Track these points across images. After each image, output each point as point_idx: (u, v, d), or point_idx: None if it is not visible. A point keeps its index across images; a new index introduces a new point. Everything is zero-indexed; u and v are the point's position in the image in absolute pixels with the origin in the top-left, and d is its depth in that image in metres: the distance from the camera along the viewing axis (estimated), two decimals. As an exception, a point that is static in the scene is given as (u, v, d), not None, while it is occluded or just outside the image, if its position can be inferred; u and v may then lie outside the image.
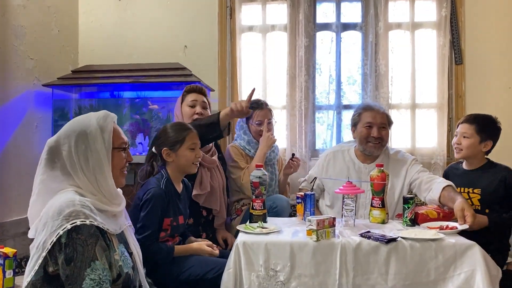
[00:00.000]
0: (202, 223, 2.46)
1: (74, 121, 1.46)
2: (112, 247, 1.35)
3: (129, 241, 1.51)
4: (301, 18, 3.21)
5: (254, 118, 2.75)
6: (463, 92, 3.23)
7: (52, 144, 1.41)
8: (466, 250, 1.77)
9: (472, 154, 2.38)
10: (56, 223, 1.25)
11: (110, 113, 1.48)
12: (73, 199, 1.30)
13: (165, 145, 2.07)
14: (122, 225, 1.48)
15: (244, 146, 2.76)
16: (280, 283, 1.75)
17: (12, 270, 2.32)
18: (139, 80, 2.93)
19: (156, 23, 3.38)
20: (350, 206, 2.04)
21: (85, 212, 1.28)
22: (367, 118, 2.48)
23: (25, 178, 2.82)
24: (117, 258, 1.35)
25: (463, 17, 3.22)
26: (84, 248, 1.25)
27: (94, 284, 1.22)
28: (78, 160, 1.38)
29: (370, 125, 2.46)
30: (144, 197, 1.97)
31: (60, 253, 1.24)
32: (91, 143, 1.39)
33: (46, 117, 3.02)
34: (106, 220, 1.37)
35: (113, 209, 1.43)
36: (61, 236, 1.24)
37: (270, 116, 2.78)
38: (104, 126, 1.42)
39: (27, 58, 2.88)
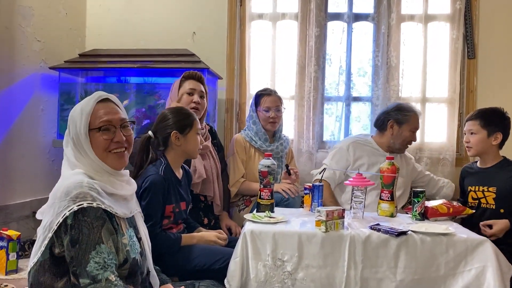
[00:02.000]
0: (202, 208, 2.45)
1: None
2: (120, 231, 1.33)
3: (138, 226, 1.49)
4: (313, 7, 3.16)
5: (262, 104, 2.70)
6: (475, 87, 3.18)
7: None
8: (477, 245, 1.75)
9: (483, 150, 2.34)
10: (63, 204, 1.23)
11: (100, 93, 1.43)
12: (81, 181, 1.28)
13: (174, 128, 2.03)
14: (132, 210, 1.46)
15: (251, 137, 2.72)
16: (287, 273, 1.73)
17: (16, 253, 2.32)
18: (146, 65, 2.90)
19: (165, 9, 3.33)
20: (359, 198, 2.01)
21: (92, 194, 1.26)
22: (416, 123, 2.62)
23: (30, 161, 2.81)
24: (125, 242, 1.33)
25: (477, 11, 3.16)
26: (89, 231, 1.23)
27: (99, 267, 1.20)
28: (74, 145, 1.39)
29: (414, 131, 2.63)
30: (143, 185, 1.93)
31: (65, 234, 1.22)
32: (74, 126, 1.38)
33: (52, 101, 2.99)
34: (116, 204, 1.35)
35: (123, 192, 1.40)
36: (67, 218, 1.22)
37: (278, 103, 2.73)
38: (84, 107, 1.40)
39: (34, 40, 2.84)
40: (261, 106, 2.71)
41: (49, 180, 2.88)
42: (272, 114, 2.68)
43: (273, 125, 2.71)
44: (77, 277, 1.21)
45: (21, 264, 2.37)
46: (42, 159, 2.92)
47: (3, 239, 2.30)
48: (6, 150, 2.60)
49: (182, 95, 2.45)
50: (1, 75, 2.50)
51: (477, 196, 2.35)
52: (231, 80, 3.28)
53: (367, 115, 3.26)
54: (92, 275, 1.19)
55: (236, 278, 1.72)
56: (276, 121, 2.71)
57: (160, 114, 2.13)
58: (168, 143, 2.04)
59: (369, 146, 2.65)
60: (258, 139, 2.71)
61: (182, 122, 2.04)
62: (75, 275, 1.21)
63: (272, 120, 2.69)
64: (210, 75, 2.99)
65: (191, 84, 2.46)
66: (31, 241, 2.68)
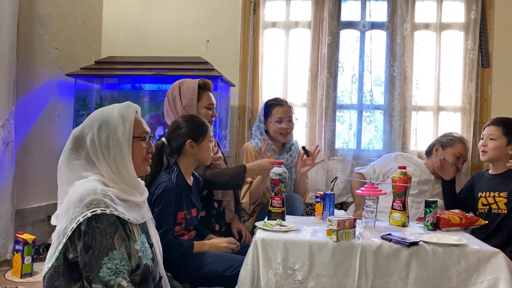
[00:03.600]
0: (214, 215, 2.45)
1: (97, 111, 1.48)
2: (132, 237, 1.35)
3: (150, 232, 1.51)
4: (325, 15, 3.18)
5: (274, 115, 2.62)
6: (489, 96, 3.16)
7: (77, 134, 1.42)
8: (490, 257, 1.73)
9: (499, 156, 2.34)
10: (77, 210, 1.26)
11: (133, 104, 1.49)
12: (95, 188, 1.30)
13: (188, 137, 2.06)
14: (145, 215, 1.48)
15: (261, 148, 2.62)
16: (298, 282, 1.73)
17: (31, 257, 2.36)
18: (161, 73, 2.93)
19: (179, 17, 3.38)
20: (371, 208, 2.01)
21: (106, 201, 1.29)
22: (461, 150, 2.70)
23: (46, 166, 2.86)
24: (137, 248, 1.35)
25: (492, 20, 3.15)
26: (102, 237, 1.25)
27: (111, 273, 1.22)
28: (100, 149, 1.38)
29: (460, 157, 2.69)
30: (156, 192, 1.95)
31: (79, 240, 1.25)
32: (112, 132, 1.39)
33: (68, 107, 3.05)
34: (128, 210, 1.37)
35: (136, 199, 1.43)
36: (81, 224, 1.25)
37: (290, 113, 2.65)
38: (125, 115, 1.43)
39: (52, 48, 2.90)
40: (272, 117, 2.62)
41: None
42: (284, 126, 2.60)
43: (285, 137, 2.63)
44: (90, 282, 1.24)
45: (36, 267, 2.42)
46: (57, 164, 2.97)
47: (19, 243, 2.35)
48: (23, 155, 2.66)
49: (201, 110, 2.38)
50: (20, 82, 2.56)
51: (488, 202, 2.35)
52: (244, 87, 3.31)
53: (380, 124, 3.25)
54: (104, 280, 1.21)
55: (246, 286, 1.72)
56: (288, 132, 2.63)
57: (174, 122, 2.15)
58: (182, 151, 2.07)
59: (415, 163, 2.77)
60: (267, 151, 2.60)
61: (197, 131, 2.07)
62: (88, 281, 1.24)
63: (284, 132, 2.61)
64: (223, 82, 3.01)
65: (209, 99, 2.41)
66: (46, 245, 2.73)
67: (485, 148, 2.37)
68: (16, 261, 2.36)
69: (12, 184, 2.45)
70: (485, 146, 2.37)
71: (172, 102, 2.42)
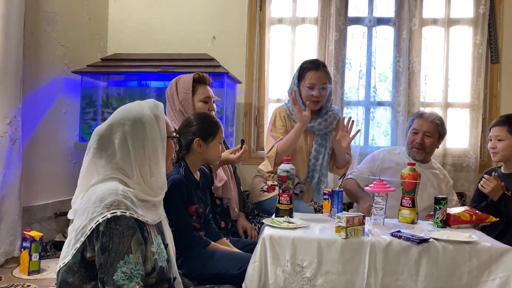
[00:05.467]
0: (218, 212, 2.45)
1: (124, 110, 1.42)
2: (149, 239, 1.34)
3: (165, 232, 1.50)
4: (332, 11, 3.15)
5: (306, 80, 2.41)
6: (498, 92, 3.12)
7: (103, 133, 1.37)
8: (502, 254, 1.70)
9: (510, 155, 2.30)
10: (97, 210, 1.25)
11: (159, 102, 1.45)
12: (116, 188, 1.29)
13: (197, 135, 2.05)
14: (161, 215, 1.47)
15: (291, 112, 2.48)
16: (306, 279, 1.71)
17: (38, 254, 2.36)
18: (167, 70, 2.93)
19: (185, 13, 3.37)
20: (380, 205, 1.99)
21: (127, 203, 1.27)
22: (415, 125, 2.61)
23: (53, 164, 2.86)
24: (154, 251, 1.34)
25: (502, 15, 3.11)
26: (120, 240, 1.23)
27: (125, 277, 1.21)
28: (133, 148, 1.35)
29: (416, 132, 2.58)
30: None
31: (97, 240, 1.23)
32: (148, 131, 1.37)
33: (74, 104, 3.05)
34: (146, 211, 1.35)
35: (154, 199, 1.41)
36: (100, 224, 1.23)
37: (325, 80, 2.43)
38: (158, 114, 1.40)
39: (58, 45, 2.90)
40: (304, 81, 2.42)
41: (71, 182, 2.93)
42: (316, 93, 2.40)
43: (315, 104, 2.43)
44: (103, 284, 1.23)
45: (43, 264, 2.42)
46: (64, 162, 2.98)
47: (26, 240, 2.35)
48: (30, 152, 2.66)
49: (196, 104, 2.39)
50: (26, 79, 2.56)
51: None
52: (250, 84, 3.29)
53: (388, 120, 3.23)
54: (118, 284, 1.20)
55: (254, 283, 1.71)
56: (320, 100, 2.43)
57: (186, 119, 2.15)
58: (190, 148, 2.06)
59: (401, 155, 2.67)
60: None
61: (207, 131, 2.06)
62: (102, 282, 1.23)
63: (316, 99, 2.42)
64: (230, 79, 3.00)
65: (205, 92, 2.41)
66: (54, 242, 2.73)
67: (495, 150, 2.34)
68: (24, 258, 2.36)
69: (19, 181, 2.46)
70: (495, 148, 2.34)
71: (170, 98, 2.44)
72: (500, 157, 2.33)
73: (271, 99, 3.31)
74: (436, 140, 2.61)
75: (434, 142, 2.60)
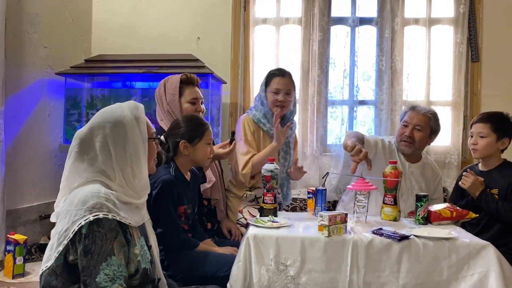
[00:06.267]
0: (205, 213, 2.46)
1: (104, 112, 1.42)
2: (132, 241, 1.35)
3: (148, 234, 1.51)
4: (316, 11, 3.18)
5: (272, 85, 2.51)
6: (479, 90, 3.18)
7: (84, 136, 1.38)
8: (480, 250, 1.75)
9: (490, 153, 2.34)
10: (79, 212, 1.25)
11: (139, 103, 1.46)
12: (98, 191, 1.29)
13: (183, 137, 2.06)
14: (144, 217, 1.48)
15: (259, 119, 2.55)
16: (290, 277, 1.74)
17: (23, 257, 2.34)
18: (152, 70, 2.92)
19: (169, 14, 3.36)
20: (362, 203, 2.02)
21: (109, 206, 1.28)
22: (406, 117, 2.55)
23: (37, 166, 2.84)
24: (137, 253, 1.35)
25: (481, 14, 3.16)
26: (102, 242, 1.24)
27: (108, 279, 1.22)
28: (114, 151, 1.36)
29: (406, 125, 2.52)
30: (155, 186, 1.96)
31: (79, 243, 1.24)
32: (129, 133, 1.38)
33: (58, 106, 3.03)
34: (129, 213, 1.36)
35: (137, 201, 1.42)
36: (82, 227, 1.24)
37: (290, 87, 2.53)
38: (138, 116, 1.41)
39: (41, 46, 2.88)
40: (270, 87, 2.52)
41: (55, 184, 2.87)
42: (280, 98, 2.49)
43: (280, 109, 2.50)
44: (86, 287, 1.23)
45: (28, 268, 2.40)
46: (48, 164, 2.96)
47: (10, 244, 2.34)
48: (14, 155, 2.64)
49: (184, 105, 2.38)
50: (9, 81, 2.53)
51: None
52: (235, 84, 3.30)
53: (371, 119, 3.27)
54: (100, 286, 1.21)
55: (239, 283, 1.73)
56: (284, 105, 2.52)
57: (174, 121, 2.17)
58: (177, 151, 2.07)
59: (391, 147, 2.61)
60: (267, 122, 2.54)
61: (193, 132, 2.08)
62: (85, 285, 1.23)
63: (280, 104, 2.50)
64: (214, 79, 3.01)
65: (192, 93, 2.40)
66: (38, 245, 2.71)
67: (476, 146, 2.35)
68: (8, 261, 2.34)
69: (3, 184, 2.44)
70: (476, 145, 2.35)
71: (159, 99, 2.44)
72: (480, 154, 2.36)
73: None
74: (427, 135, 2.53)
75: (424, 137, 2.52)
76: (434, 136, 2.59)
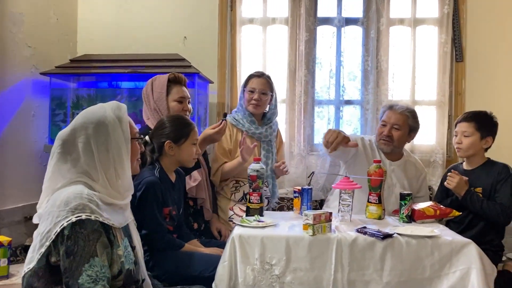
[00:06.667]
0: (191, 213, 2.46)
1: (87, 113, 1.42)
2: (116, 242, 1.34)
3: (132, 235, 1.50)
4: (302, 12, 3.19)
5: (249, 85, 2.63)
6: (463, 89, 3.22)
7: (66, 137, 1.37)
8: (462, 248, 1.77)
9: (474, 152, 2.37)
10: (62, 213, 1.24)
11: (121, 103, 1.46)
12: (81, 192, 1.29)
13: (168, 137, 2.05)
14: (128, 218, 1.48)
15: (238, 120, 2.63)
16: (275, 276, 1.74)
17: (7, 259, 2.32)
18: (138, 70, 2.91)
19: (156, 14, 3.35)
20: (347, 202, 2.03)
21: (92, 207, 1.27)
22: (385, 116, 2.58)
23: (22, 167, 2.81)
24: (120, 254, 1.34)
25: (465, 14, 3.20)
26: (85, 243, 1.24)
27: (90, 280, 1.22)
28: (97, 152, 1.35)
29: (384, 124, 2.55)
30: (139, 188, 1.95)
31: (62, 244, 1.23)
32: (111, 134, 1.37)
33: (43, 106, 3.00)
34: (113, 214, 1.36)
35: (120, 202, 1.42)
36: (65, 228, 1.23)
37: (265, 87, 2.62)
38: (120, 116, 1.41)
39: (25, 46, 2.85)
40: (247, 86, 2.64)
41: (40, 185, 2.80)
42: (255, 96, 2.59)
43: (255, 107, 2.61)
44: None
45: (12, 269, 2.38)
46: (33, 164, 2.93)
47: (-6, 245, 2.31)
48: (-3, 156, 2.61)
49: (170, 103, 2.39)
50: (-8, 81, 2.51)
51: None
52: (222, 84, 3.30)
53: (357, 119, 3.29)
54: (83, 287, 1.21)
55: (224, 282, 1.73)
56: (259, 104, 2.61)
57: (159, 121, 2.15)
58: (162, 151, 2.06)
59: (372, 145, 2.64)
60: (246, 122, 2.62)
61: (178, 132, 2.07)
62: (67, 286, 1.23)
63: (255, 103, 2.60)
64: (201, 79, 3.01)
65: (179, 92, 2.41)
66: (23, 247, 2.69)
67: (460, 145, 2.38)
68: (-8, 263, 2.32)
69: (-14, 185, 2.41)
70: (460, 144, 2.38)
71: (146, 98, 2.43)
72: (464, 153, 2.40)
73: (244, 98, 3.33)
74: (406, 133, 2.54)
75: (403, 135, 2.53)
76: (414, 133, 2.59)
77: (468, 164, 2.44)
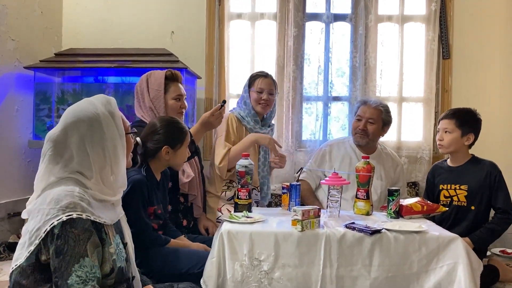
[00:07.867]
0: (181, 210, 2.44)
1: (76, 111, 1.36)
2: (108, 240, 1.31)
3: (124, 231, 1.48)
4: (291, 7, 3.18)
5: (256, 85, 2.62)
6: (450, 86, 3.25)
7: (57, 138, 1.32)
8: (449, 243, 1.79)
9: (456, 149, 2.39)
10: (52, 212, 1.21)
11: (111, 97, 1.41)
12: (72, 190, 1.26)
13: (166, 143, 2.02)
14: (119, 214, 1.45)
15: (243, 117, 2.62)
16: (264, 272, 1.74)
17: (-10, 256, 2.28)
18: (124, 65, 2.87)
19: (143, 8, 3.31)
20: (335, 197, 2.04)
21: (83, 205, 1.24)
22: (359, 111, 2.67)
23: (5, 162, 2.76)
24: (112, 252, 1.32)
25: (452, 12, 3.22)
26: (75, 243, 1.21)
27: (80, 281, 1.19)
28: (92, 152, 1.32)
29: (360, 119, 2.64)
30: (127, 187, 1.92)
31: (52, 243, 1.21)
32: (106, 131, 1.33)
33: (27, 101, 2.94)
34: (104, 211, 1.33)
35: (112, 198, 1.39)
36: (55, 227, 1.20)
37: (272, 87, 2.65)
38: (112, 111, 1.37)
39: (8, 39, 2.79)
40: (254, 87, 2.62)
41: (25, 181, 2.84)
42: (264, 96, 2.60)
43: (264, 107, 2.62)
44: None
45: (-5, 267, 2.34)
46: (17, 160, 2.88)
47: (-23, 242, 2.26)
48: (-20, 151, 2.55)
49: (168, 101, 2.35)
50: (-26, 75, 2.45)
51: (449, 194, 2.40)
52: (210, 79, 3.28)
53: (346, 115, 3.30)
54: None
55: (212, 279, 1.72)
56: (268, 104, 2.62)
57: (152, 124, 2.08)
58: (157, 155, 2.03)
59: (346, 145, 2.74)
60: (250, 120, 2.62)
61: (175, 138, 2.03)
62: (57, 286, 1.20)
63: (264, 103, 2.61)
64: (189, 74, 2.98)
65: (177, 90, 2.38)
66: (7, 244, 2.64)
67: (442, 142, 2.41)
68: (-26, 261, 2.27)
69: (-32, 181, 2.36)
70: (442, 140, 2.41)
71: (140, 95, 2.39)
72: (446, 149, 2.42)
73: (232, 94, 3.32)
74: (380, 127, 2.65)
75: (377, 129, 2.64)
76: (387, 127, 2.71)
77: (453, 161, 2.46)
